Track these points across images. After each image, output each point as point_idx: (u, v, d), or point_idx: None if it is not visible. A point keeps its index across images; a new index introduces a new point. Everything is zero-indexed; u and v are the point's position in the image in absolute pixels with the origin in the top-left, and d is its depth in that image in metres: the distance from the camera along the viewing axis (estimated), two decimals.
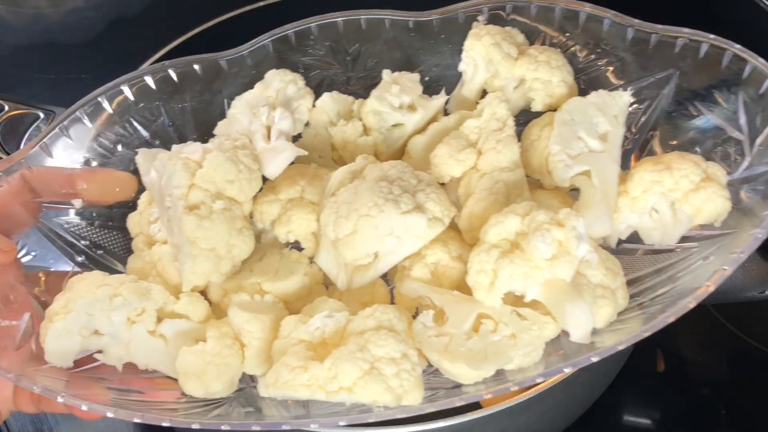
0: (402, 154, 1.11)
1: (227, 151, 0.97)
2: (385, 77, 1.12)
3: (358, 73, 1.19)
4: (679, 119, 1.06)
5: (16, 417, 1.25)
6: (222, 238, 0.95)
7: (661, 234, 0.98)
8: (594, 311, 0.87)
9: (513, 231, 0.90)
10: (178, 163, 0.96)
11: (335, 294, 0.99)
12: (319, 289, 1.01)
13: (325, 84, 1.18)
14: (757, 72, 0.98)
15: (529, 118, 1.08)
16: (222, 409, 0.90)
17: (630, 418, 1.23)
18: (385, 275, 1.00)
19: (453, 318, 0.89)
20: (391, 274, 1.00)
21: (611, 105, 1.02)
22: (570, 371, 0.85)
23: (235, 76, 1.13)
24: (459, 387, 0.88)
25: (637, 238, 1.00)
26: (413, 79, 1.12)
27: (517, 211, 0.90)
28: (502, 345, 0.86)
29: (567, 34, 1.12)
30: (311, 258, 1.02)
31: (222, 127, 1.08)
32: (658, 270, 0.97)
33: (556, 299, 0.87)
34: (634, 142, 1.10)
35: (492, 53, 1.08)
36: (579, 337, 0.85)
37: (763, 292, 1.08)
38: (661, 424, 1.22)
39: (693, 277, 0.91)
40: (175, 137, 1.13)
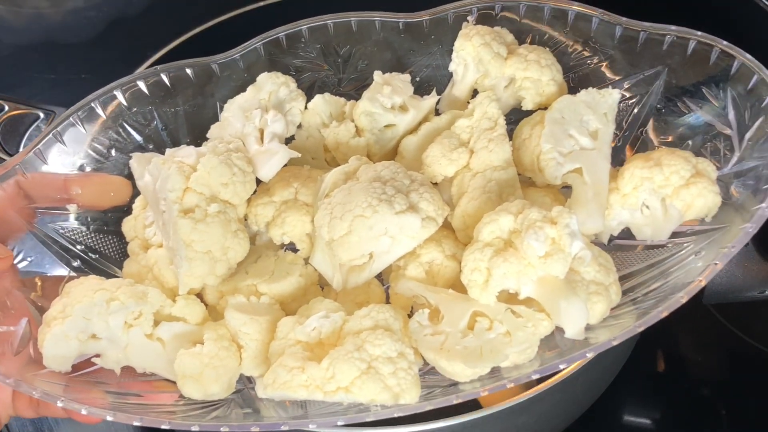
0: (395, 155, 1.11)
1: (221, 154, 0.97)
2: (377, 78, 1.12)
3: (350, 75, 1.20)
4: (668, 116, 1.07)
5: (16, 418, 1.24)
6: (217, 241, 0.95)
7: (652, 230, 0.99)
8: (588, 307, 0.88)
9: (506, 229, 0.90)
10: (172, 166, 0.96)
11: (331, 294, 1.00)
12: (315, 290, 1.02)
13: (316, 86, 1.18)
14: (745, 68, 0.99)
15: (520, 117, 1.08)
16: (220, 410, 0.90)
17: (630, 418, 1.23)
18: (380, 275, 1.01)
19: (448, 316, 0.90)
20: (386, 274, 1.01)
21: (601, 103, 1.02)
22: (565, 367, 0.86)
23: (227, 80, 1.14)
24: (455, 385, 0.88)
25: (630, 234, 1.01)
26: (404, 79, 1.13)
27: (510, 210, 0.91)
28: (497, 342, 0.87)
29: (556, 33, 1.13)
30: (306, 259, 1.02)
31: (215, 130, 1.08)
32: (650, 265, 0.98)
33: (550, 296, 0.87)
34: (624, 139, 1.11)
35: (482, 53, 1.08)
36: (573, 333, 0.86)
37: (763, 292, 1.09)
38: (661, 424, 1.23)
39: (685, 272, 0.92)
40: (169, 141, 1.13)
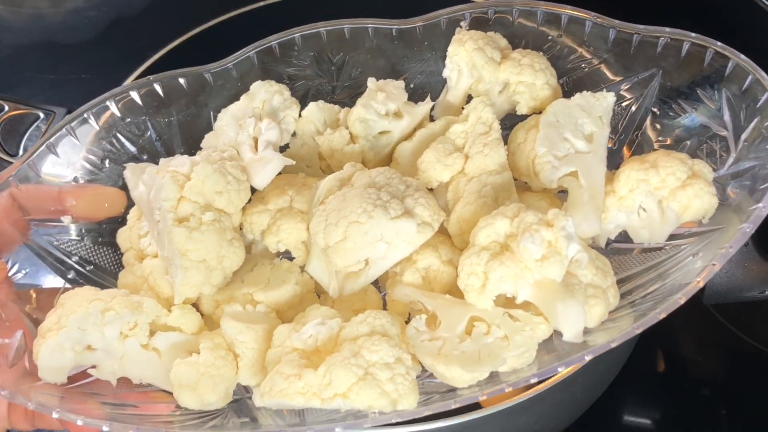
0: (389, 161, 1.11)
1: (215, 162, 0.97)
2: (370, 85, 1.12)
3: (344, 83, 1.20)
4: (663, 118, 1.07)
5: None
6: (212, 250, 0.95)
7: (649, 232, 0.98)
8: (586, 311, 0.87)
9: (502, 233, 0.90)
10: (166, 176, 0.96)
11: (327, 302, 0.99)
12: (311, 297, 1.01)
13: (310, 94, 1.18)
14: (739, 68, 0.99)
15: (515, 122, 1.08)
16: (217, 420, 0.90)
17: (630, 418, 1.23)
18: (377, 282, 1.00)
19: (446, 322, 0.90)
20: (383, 281, 1.01)
21: (596, 106, 1.02)
22: (564, 370, 0.86)
23: (221, 89, 1.14)
24: (454, 391, 0.88)
25: (627, 237, 1.01)
26: (398, 86, 1.12)
27: (506, 213, 0.90)
28: (495, 347, 0.86)
29: (550, 38, 1.13)
30: (302, 267, 1.02)
31: (209, 139, 1.08)
32: (648, 268, 0.97)
33: (548, 299, 0.87)
34: (620, 142, 1.10)
35: (475, 58, 1.08)
36: (571, 336, 0.86)
37: (763, 292, 1.08)
38: (661, 424, 1.23)
39: (683, 274, 0.91)
40: (163, 151, 1.13)
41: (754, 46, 1.17)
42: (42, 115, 1.23)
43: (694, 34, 1.02)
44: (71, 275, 1.05)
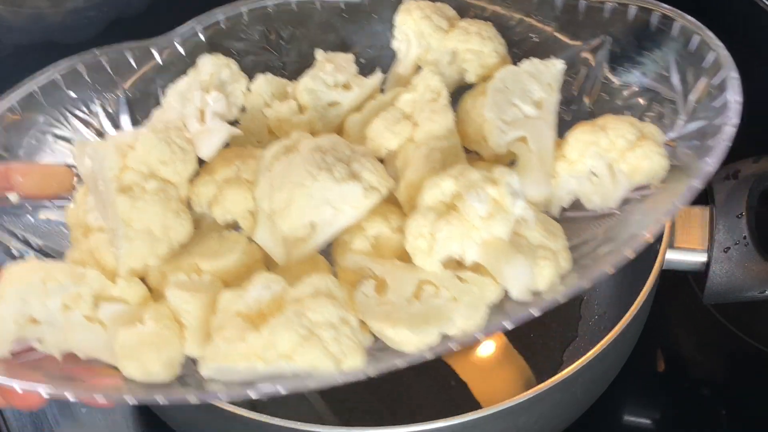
0: (340, 134, 1.10)
1: (160, 132, 0.96)
2: (319, 57, 1.11)
3: (293, 58, 1.19)
4: (613, 84, 1.07)
5: (16, 417, 1.23)
6: (157, 219, 0.93)
7: (601, 197, 0.97)
8: (536, 272, 0.87)
9: (449, 193, 0.89)
10: (109, 146, 0.95)
11: (276, 273, 0.98)
12: (259, 267, 0.99)
13: (259, 70, 1.16)
14: (685, 30, 0.99)
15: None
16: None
17: (630, 418, 1.22)
18: (328, 255, 0.99)
19: (395, 287, 0.89)
20: (333, 251, 0.99)
21: (545, 73, 1.02)
22: (510, 327, 0.84)
23: (168, 64, 1.13)
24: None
25: (580, 206, 1.00)
26: (347, 59, 1.12)
27: (451, 173, 0.90)
28: (443, 308, 0.85)
29: (497, 7, 1.13)
30: (250, 237, 1.00)
31: (157, 115, 1.07)
32: (599, 232, 0.96)
33: (495, 258, 0.86)
34: (572, 112, 1.10)
35: (422, 26, 1.08)
36: (518, 293, 0.85)
37: (763, 292, 1.08)
38: (661, 424, 1.22)
39: (632, 234, 0.91)
40: (111, 127, 1.12)
41: (754, 46, 1.18)
42: None
43: None
44: (17, 254, 1.03)
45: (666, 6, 1.00)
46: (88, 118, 1.11)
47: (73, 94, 1.09)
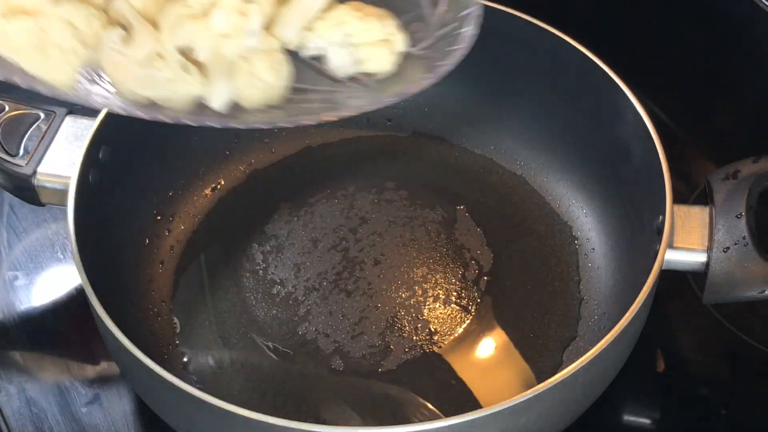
0: None
1: None
2: None
3: None
4: None
5: (17, 416, 1.22)
6: None
7: (337, 66, 1.03)
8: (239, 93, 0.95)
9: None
10: None
11: None
12: None
13: None
14: None
15: None
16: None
17: (630, 418, 1.22)
18: None
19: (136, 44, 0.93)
20: None
21: None
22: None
23: None
24: None
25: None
26: None
27: None
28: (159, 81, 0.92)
29: None
30: None
31: None
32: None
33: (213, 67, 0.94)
34: None
35: None
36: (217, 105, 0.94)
37: (763, 292, 1.07)
38: (661, 424, 1.22)
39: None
40: None
41: (754, 46, 1.17)
42: (42, 115, 1.22)
43: None
44: None
45: None
46: None
47: None
